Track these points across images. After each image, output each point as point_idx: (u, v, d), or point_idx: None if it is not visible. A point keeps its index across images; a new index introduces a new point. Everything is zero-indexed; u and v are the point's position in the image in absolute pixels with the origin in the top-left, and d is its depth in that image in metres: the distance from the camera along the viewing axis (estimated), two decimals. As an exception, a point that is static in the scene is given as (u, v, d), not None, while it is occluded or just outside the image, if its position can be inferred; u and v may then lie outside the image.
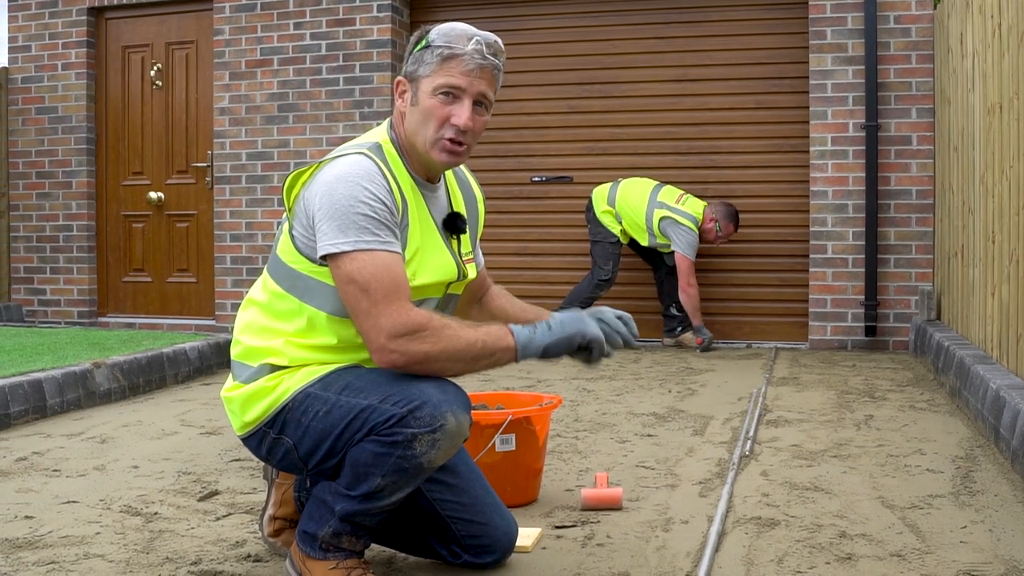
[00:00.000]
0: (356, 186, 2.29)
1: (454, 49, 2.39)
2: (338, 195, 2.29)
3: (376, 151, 2.41)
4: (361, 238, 2.27)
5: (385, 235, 2.29)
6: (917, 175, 6.98)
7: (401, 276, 2.29)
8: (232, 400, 2.47)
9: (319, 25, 7.97)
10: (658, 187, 7.08)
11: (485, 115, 2.46)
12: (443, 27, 2.45)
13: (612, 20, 7.68)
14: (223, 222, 8.23)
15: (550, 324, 2.38)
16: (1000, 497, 3.23)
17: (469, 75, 2.40)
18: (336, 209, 2.28)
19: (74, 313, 8.59)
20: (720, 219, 6.98)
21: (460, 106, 2.40)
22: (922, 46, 6.93)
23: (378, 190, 2.31)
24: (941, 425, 4.39)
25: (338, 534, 2.36)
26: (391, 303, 2.25)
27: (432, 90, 2.40)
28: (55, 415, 4.81)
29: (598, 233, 7.15)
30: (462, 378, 2.38)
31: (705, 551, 2.68)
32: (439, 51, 2.40)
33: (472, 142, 2.46)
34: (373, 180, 2.32)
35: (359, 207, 2.28)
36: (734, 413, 4.73)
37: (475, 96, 2.41)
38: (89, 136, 8.57)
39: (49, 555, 2.74)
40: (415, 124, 2.43)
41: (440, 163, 2.45)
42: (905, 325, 7.02)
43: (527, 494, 3.22)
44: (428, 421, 2.24)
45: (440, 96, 2.39)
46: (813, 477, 3.51)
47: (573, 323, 2.39)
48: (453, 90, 2.39)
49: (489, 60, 2.42)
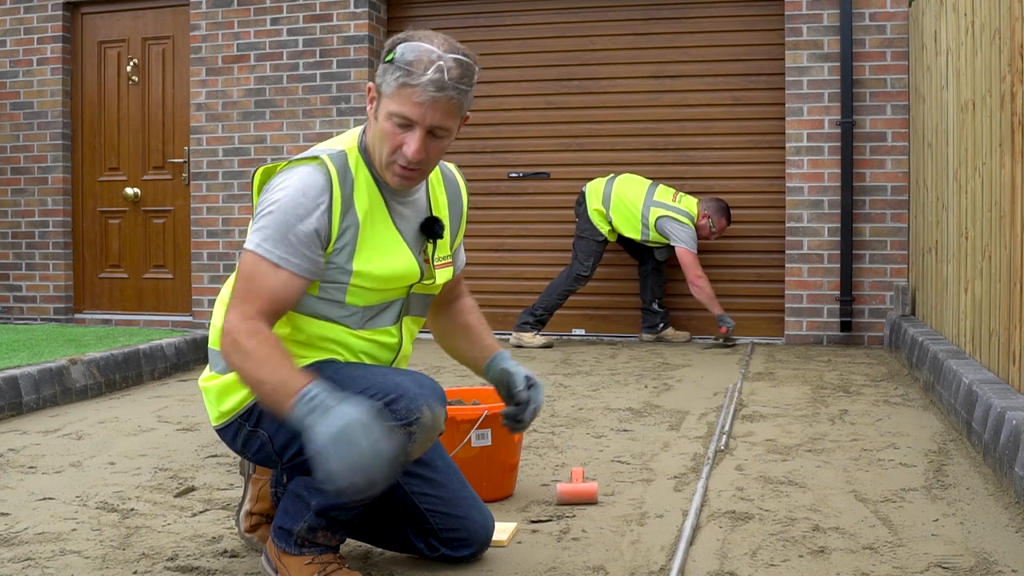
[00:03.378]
0: (291, 199, 2.31)
1: (410, 76, 2.28)
2: (275, 202, 2.32)
3: (337, 159, 2.39)
4: (265, 245, 2.29)
5: (289, 253, 2.29)
6: (892, 171, 7.03)
7: (272, 291, 2.28)
8: (208, 390, 2.49)
9: (296, 21, 7.96)
10: (653, 186, 7.08)
11: (444, 141, 2.37)
12: (410, 44, 2.32)
13: (590, 16, 7.70)
14: (200, 218, 8.20)
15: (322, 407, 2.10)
16: (972, 491, 3.26)
17: (422, 106, 2.29)
18: (267, 213, 2.32)
19: (50, 309, 8.55)
20: (712, 214, 7.00)
21: (411, 136, 2.32)
22: (897, 43, 6.98)
23: (311, 207, 2.31)
24: (914, 420, 4.43)
25: (313, 529, 2.37)
26: (243, 305, 2.27)
27: (388, 114, 2.33)
28: (31, 412, 4.80)
29: (585, 229, 7.13)
30: (442, 373, 2.39)
31: (679, 544, 2.70)
32: (397, 74, 2.30)
33: (428, 167, 2.40)
34: (309, 196, 2.31)
35: (285, 219, 2.29)
36: (710, 408, 4.76)
37: (428, 128, 2.32)
38: (65, 132, 8.52)
39: (25, 552, 2.73)
40: (374, 140, 2.40)
41: (394, 184, 2.42)
42: (880, 320, 7.07)
43: (503, 489, 3.23)
44: (404, 414, 2.25)
45: (393, 121, 2.33)
46: (787, 471, 3.54)
47: (323, 422, 2.09)
48: (405, 120, 2.32)
49: (444, 93, 2.29)
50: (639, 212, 6.99)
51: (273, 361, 2.20)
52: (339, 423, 2.07)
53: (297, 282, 2.31)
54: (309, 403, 2.12)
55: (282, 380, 2.18)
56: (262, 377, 2.20)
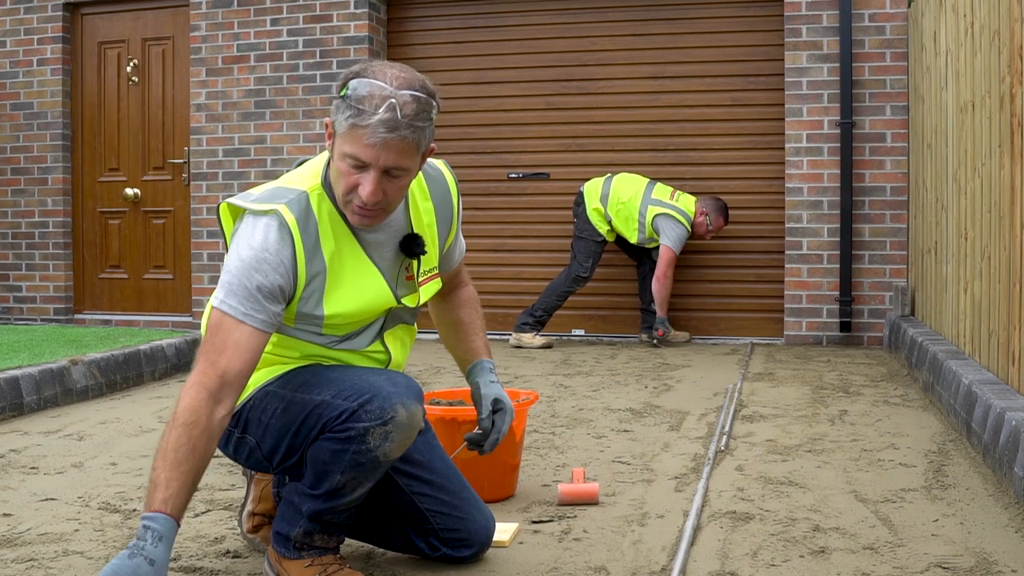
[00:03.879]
0: (255, 257, 2.25)
1: (361, 116, 2.19)
2: (238, 261, 2.26)
3: (295, 205, 2.31)
4: (229, 302, 2.24)
5: (253, 309, 2.23)
6: (891, 172, 7.04)
7: (233, 344, 2.20)
8: None
9: (296, 21, 7.96)
10: (651, 184, 7.08)
11: (402, 180, 2.29)
12: (362, 80, 2.22)
13: (590, 17, 7.70)
14: (200, 218, 8.21)
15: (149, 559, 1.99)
16: (971, 491, 3.27)
17: (373, 148, 2.20)
18: (231, 271, 2.26)
19: (50, 310, 8.55)
20: (710, 212, 7.00)
21: (366, 177, 2.25)
22: (896, 44, 6.99)
23: (275, 266, 2.26)
24: (914, 420, 4.44)
25: (309, 533, 2.39)
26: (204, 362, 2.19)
27: (341, 155, 2.26)
28: (32, 413, 4.80)
29: (584, 230, 7.13)
30: (442, 373, 2.39)
31: (680, 545, 2.71)
32: (348, 113, 2.21)
33: (389, 206, 2.33)
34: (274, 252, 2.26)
35: (248, 276, 2.24)
36: (710, 408, 4.77)
37: (382, 168, 2.24)
38: (65, 132, 8.52)
39: (28, 552, 2.74)
40: (333, 176, 2.33)
41: (355, 223, 2.35)
42: (879, 321, 7.07)
43: (504, 489, 3.24)
44: (379, 414, 2.26)
45: (348, 162, 2.25)
46: (787, 472, 3.55)
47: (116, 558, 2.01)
48: (358, 161, 2.23)
49: (396, 134, 2.20)
50: (637, 210, 6.99)
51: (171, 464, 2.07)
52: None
53: (260, 336, 2.25)
54: (141, 534, 2.01)
55: (155, 485, 2.06)
56: (155, 465, 2.09)
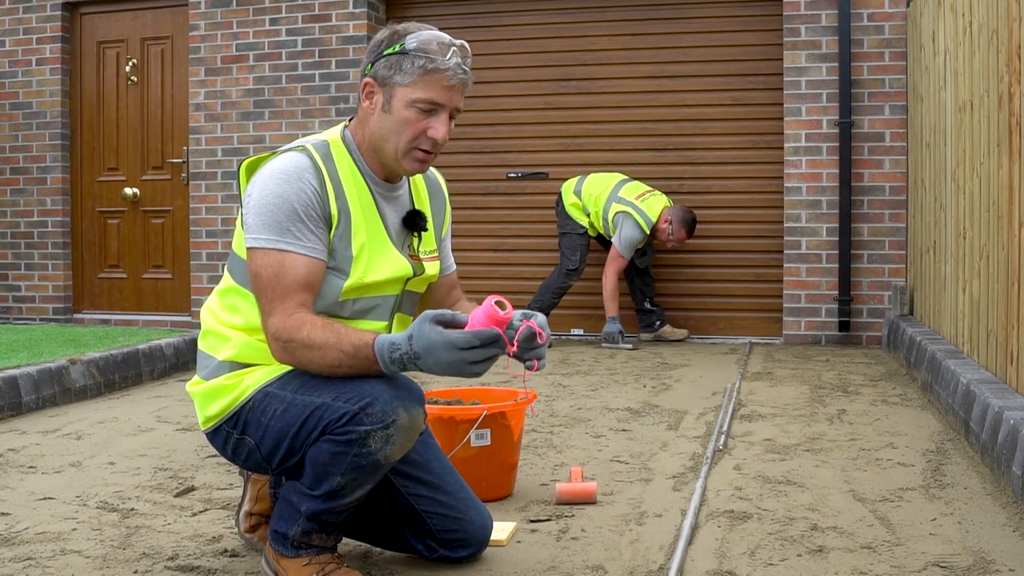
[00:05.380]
0: (285, 183, 2.32)
1: (436, 62, 2.36)
2: (268, 191, 2.33)
3: (321, 148, 2.43)
4: (276, 236, 2.30)
5: (303, 235, 2.32)
6: (890, 171, 7.04)
7: (301, 279, 2.31)
8: (195, 395, 2.50)
9: (295, 21, 7.96)
10: (623, 182, 7.08)
11: (453, 123, 2.47)
12: (418, 34, 2.39)
13: (589, 16, 7.70)
14: (199, 218, 8.21)
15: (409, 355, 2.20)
16: (969, 490, 3.27)
17: (450, 90, 2.39)
18: (263, 204, 2.32)
19: (49, 309, 8.55)
20: (675, 222, 6.96)
21: (438, 120, 2.40)
22: (895, 43, 6.99)
23: (306, 187, 2.34)
24: (913, 419, 4.44)
25: (307, 532, 2.38)
26: (280, 303, 2.29)
27: (410, 102, 2.38)
28: (31, 412, 4.80)
29: (566, 225, 7.16)
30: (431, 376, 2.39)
31: (678, 544, 2.71)
32: (420, 62, 2.36)
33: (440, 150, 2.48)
34: (302, 178, 2.34)
35: (283, 205, 2.31)
36: (708, 408, 4.77)
37: (452, 110, 2.42)
38: (64, 132, 8.52)
39: (26, 551, 2.74)
40: (386, 131, 2.42)
41: (410, 171, 2.47)
42: (878, 320, 7.08)
43: (502, 489, 3.24)
44: (380, 417, 2.25)
45: (417, 108, 2.38)
46: (786, 471, 3.55)
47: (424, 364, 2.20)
48: (431, 105, 2.38)
49: (468, 74, 2.41)
50: (603, 207, 7.00)
51: (332, 341, 2.25)
52: (436, 358, 2.15)
53: (313, 263, 2.33)
54: (400, 359, 2.20)
55: (351, 353, 2.24)
56: (332, 361, 2.26)
